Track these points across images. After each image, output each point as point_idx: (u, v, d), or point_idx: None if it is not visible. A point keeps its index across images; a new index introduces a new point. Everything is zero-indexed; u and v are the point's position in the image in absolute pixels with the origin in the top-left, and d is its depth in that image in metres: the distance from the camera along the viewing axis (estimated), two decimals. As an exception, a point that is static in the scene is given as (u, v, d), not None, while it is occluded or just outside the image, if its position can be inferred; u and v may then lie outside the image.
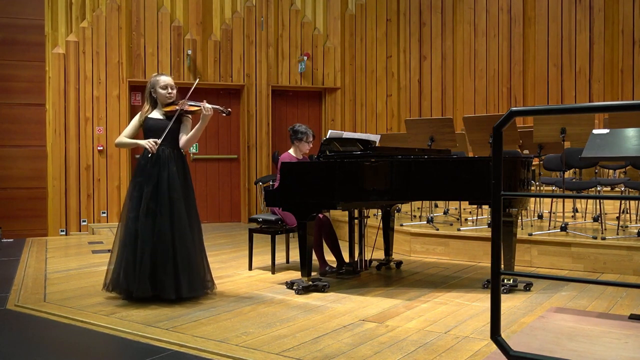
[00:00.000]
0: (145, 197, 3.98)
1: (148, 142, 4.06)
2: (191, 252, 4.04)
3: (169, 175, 4.04)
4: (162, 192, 4.01)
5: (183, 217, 4.04)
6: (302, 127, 5.18)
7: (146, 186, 4.01)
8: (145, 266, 3.91)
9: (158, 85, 4.18)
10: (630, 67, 8.52)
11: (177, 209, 4.02)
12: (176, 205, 4.02)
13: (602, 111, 3.07)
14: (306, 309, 3.84)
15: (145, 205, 3.97)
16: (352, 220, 5.10)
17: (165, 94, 4.18)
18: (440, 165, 4.32)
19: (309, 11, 9.71)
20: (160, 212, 3.98)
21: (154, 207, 3.98)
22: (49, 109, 8.07)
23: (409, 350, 2.96)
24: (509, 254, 4.27)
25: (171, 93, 4.21)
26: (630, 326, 3.12)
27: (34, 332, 3.47)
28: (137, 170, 4.13)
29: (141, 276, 3.90)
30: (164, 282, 3.92)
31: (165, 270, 3.93)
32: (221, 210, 9.34)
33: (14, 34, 7.91)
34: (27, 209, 7.93)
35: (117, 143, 4.28)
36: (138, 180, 4.07)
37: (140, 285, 3.90)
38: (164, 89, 4.18)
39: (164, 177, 4.03)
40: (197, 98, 4.31)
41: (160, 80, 4.19)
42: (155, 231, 3.95)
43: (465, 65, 9.74)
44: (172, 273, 3.95)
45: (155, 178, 4.02)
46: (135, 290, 3.91)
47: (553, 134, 5.38)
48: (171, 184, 4.03)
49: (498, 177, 2.15)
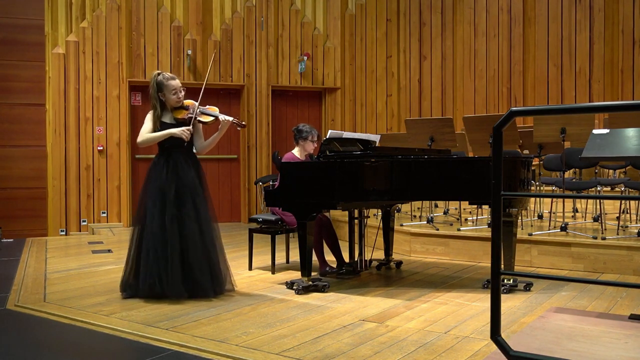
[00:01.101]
0: (169, 203, 3.99)
1: (182, 130, 4.03)
2: (217, 252, 4.14)
3: (189, 180, 4.07)
4: (186, 197, 4.03)
5: (208, 219, 4.10)
6: (306, 126, 5.18)
7: (168, 192, 4.01)
8: (177, 270, 3.95)
9: (167, 90, 4.12)
10: (630, 67, 8.52)
11: (201, 212, 4.07)
12: (200, 208, 4.07)
13: (602, 111, 3.07)
14: (306, 309, 3.84)
15: (170, 211, 3.98)
16: (352, 220, 5.10)
17: (176, 98, 4.15)
18: (440, 165, 4.32)
19: (309, 11, 9.71)
20: (188, 215, 4.01)
21: (179, 213, 4.00)
22: (49, 109, 8.07)
23: (409, 350, 2.96)
24: (509, 254, 4.27)
25: (181, 97, 4.17)
26: (630, 326, 3.12)
27: (34, 332, 3.47)
28: (154, 174, 4.10)
29: (175, 280, 3.94)
30: (201, 283, 4.00)
31: (202, 272, 4.01)
32: (221, 210, 9.33)
33: (14, 34, 7.91)
34: (27, 209, 7.93)
35: (142, 141, 4.14)
36: (157, 184, 4.05)
37: (176, 289, 3.95)
38: (174, 94, 4.13)
39: (184, 182, 4.05)
40: (197, 98, 4.29)
41: (170, 86, 4.11)
42: (183, 235, 3.98)
43: (465, 65, 9.73)
44: (208, 273, 4.05)
45: (174, 183, 4.03)
46: (171, 295, 3.95)
47: (553, 134, 5.38)
48: (193, 189, 4.06)
49: (498, 177, 2.15)
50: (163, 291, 3.96)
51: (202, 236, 4.04)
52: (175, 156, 4.09)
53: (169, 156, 4.11)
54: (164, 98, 4.16)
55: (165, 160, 4.10)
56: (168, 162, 4.08)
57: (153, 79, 4.16)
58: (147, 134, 4.13)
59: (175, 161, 4.08)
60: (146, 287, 3.99)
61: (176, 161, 4.08)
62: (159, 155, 4.17)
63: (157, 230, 3.98)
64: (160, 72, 4.19)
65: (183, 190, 4.04)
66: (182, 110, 4.20)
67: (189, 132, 4.06)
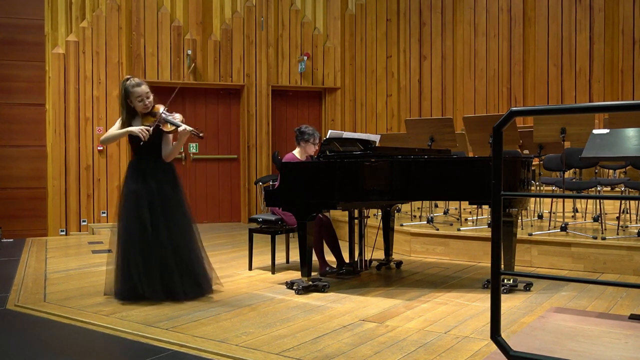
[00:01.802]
0: (142, 207, 4.00)
1: (141, 129, 3.99)
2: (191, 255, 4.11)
3: (158, 186, 4.06)
4: (157, 200, 4.03)
5: (178, 224, 4.08)
6: (309, 128, 5.16)
7: (141, 195, 4.02)
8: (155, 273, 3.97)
9: (133, 97, 4.08)
10: (630, 67, 8.52)
11: (175, 215, 4.06)
12: (173, 211, 4.06)
13: (602, 111, 3.07)
14: (306, 309, 3.84)
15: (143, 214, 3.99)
16: (352, 220, 5.10)
17: (142, 105, 4.10)
18: (440, 165, 4.31)
19: (309, 11, 9.71)
20: (160, 219, 4.01)
21: (151, 217, 4.00)
22: (49, 109, 8.07)
23: (409, 350, 2.96)
24: (509, 254, 4.27)
25: (147, 104, 4.11)
26: (630, 326, 3.12)
27: (34, 332, 3.47)
28: (128, 176, 4.14)
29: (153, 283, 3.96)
30: (178, 285, 4.00)
31: (177, 274, 4.00)
32: (221, 210, 9.34)
33: (14, 34, 7.91)
34: (27, 209, 7.93)
35: (103, 139, 4.26)
36: (131, 188, 4.07)
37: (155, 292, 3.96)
38: (140, 102, 4.09)
39: (153, 188, 4.05)
40: (197, 99, 4.28)
41: (135, 93, 4.07)
42: (158, 239, 3.99)
43: (465, 65, 9.73)
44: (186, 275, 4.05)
45: (146, 187, 4.04)
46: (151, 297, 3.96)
47: (553, 134, 5.38)
48: (162, 195, 4.05)
49: (498, 177, 2.15)
50: (143, 294, 3.96)
51: (172, 241, 4.02)
52: (145, 161, 4.11)
53: (140, 159, 4.13)
54: (133, 105, 4.13)
55: (138, 163, 4.12)
56: (140, 165, 4.10)
57: (122, 84, 4.15)
58: (109, 132, 4.20)
59: (146, 165, 4.09)
60: (126, 290, 4.01)
61: (147, 165, 4.10)
62: (132, 157, 4.20)
63: (133, 234, 3.99)
64: (129, 78, 4.16)
65: (152, 195, 4.03)
66: (149, 117, 4.14)
67: (147, 132, 3.99)
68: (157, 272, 3.98)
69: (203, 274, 4.19)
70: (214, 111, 9.31)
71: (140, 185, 4.04)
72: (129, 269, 3.98)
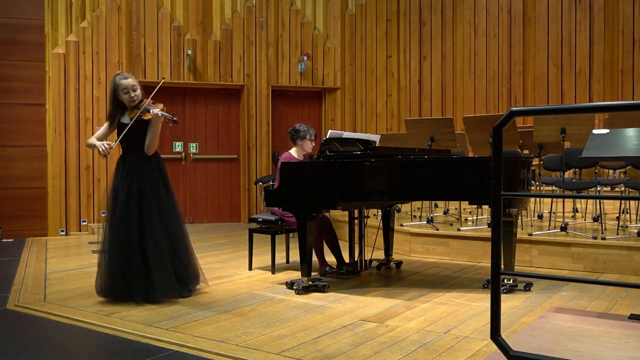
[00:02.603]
0: (120, 204, 4.00)
1: (102, 144, 4.00)
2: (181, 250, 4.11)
3: (144, 180, 4.05)
4: (139, 197, 4.01)
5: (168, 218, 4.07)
6: (302, 126, 5.19)
7: (120, 192, 4.02)
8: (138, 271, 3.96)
9: (119, 89, 4.08)
10: (630, 67, 8.52)
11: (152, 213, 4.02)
12: (156, 207, 4.04)
13: (602, 111, 3.07)
14: (306, 309, 3.84)
15: (120, 211, 3.98)
16: (352, 220, 5.10)
17: (127, 98, 4.09)
18: (440, 165, 4.31)
19: (309, 11, 9.71)
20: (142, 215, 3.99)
21: (129, 213, 3.98)
22: (49, 109, 8.07)
23: (409, 350, 2.96)
24: (509, 254, 4.27)
25: (133, 96, 4.10)
26: (630, 326, 3.12)
27: (34, 332, 3.47)
28: (114, 173, 4.15)
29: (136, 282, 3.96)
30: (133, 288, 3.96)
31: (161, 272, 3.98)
32: (221, 210, 9.34)
33: (14, 34, 7.91)
34: (27, 209, 7.93)
35: (86, 144, 4.28)
36: (113, 185, 4.09)
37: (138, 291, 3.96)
38: (126, 94, 4.08)
39: (138, 182, 4.04)
40: (197, 99, 4.28)
41: (120, 85, 4.07)
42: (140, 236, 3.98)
43: (465, 65, 9.73)
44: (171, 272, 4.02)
45: (127, 184, 4.03)
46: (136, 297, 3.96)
47: (553, 134, 5.38)
48: (141, 187, 4.03)
49: (498, 177, 2.15)
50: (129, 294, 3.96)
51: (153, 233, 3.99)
52: (130, 156, 4.09)
53: (125, 156, 4.11)
54: (121, 98, 4.13)
55: (122, 160, 4.11)
56: (124, 162, 4.10)
57: (112, 80, 4.17)
58: (91, 139, 4.18)
59: (130, 161, 4.09)
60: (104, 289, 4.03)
61: (131, 161, 4.08)
62: (119, 155, 4.20)
63: (112, 231, 4.00)
64: (118, 73, 4.18)
65: (131, 189, 4.01)
66: (136, 110, 4.12)
67: (107, 147, 3.97)
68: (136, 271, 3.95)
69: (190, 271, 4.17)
70: (214, 111, 9.31)
71: (122, 182, 4.04)
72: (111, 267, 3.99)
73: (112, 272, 4.00)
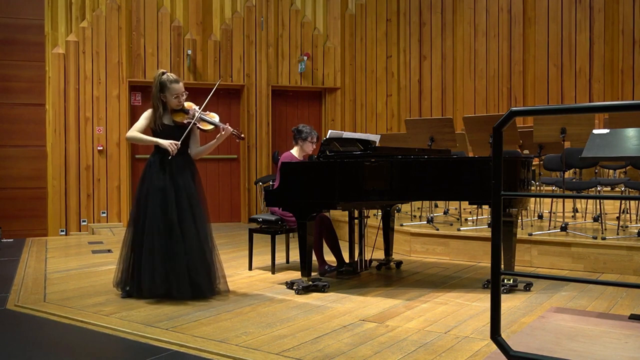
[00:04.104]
0: (171, 204, 4.00)
1: (171, 143, 4.02)
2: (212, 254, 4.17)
3: (186, 182, 4.09)
4: (183, 199, 4.04)
5: (204, 222, 4.12)
6: (306, 127, 5.19)
7: (169, 193, 4.02)
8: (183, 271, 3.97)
9: (169, 92, 4.09)
10: (630, 67, 8.52)
11: (198, 214, 4.09)
12: (197, 211, 4.09)
13: (602, 111, 3.07)
14: (306, 309, 3.84)
15: (172, 212, 3.99)
16: (352, 220, 5.10)
17: (177, 102, 4.14)
18: (440, 165, 4.31)
19: (309, 11, 9.71)
20: (187, 218, 4.03)
21: (179, 214, 4.01)
22: (49, 109, 8.07)
23: (409, 350, 2.96)
24: (509, 254, 4.27)
25: (182, 101, 4.16)
26: (630, 326, 3.12)
27: (34, 332, 3.47)
28: (150, 174, 4.10)
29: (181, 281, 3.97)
30: (200, 285, 4.02)
31: (200, 274, 4.03)
32: (221, 210, 9.34)
33: (14, 34, 7.91)
34: (27, 209, 7.93)
35: (130, 137, 4.16)
36: (157, 185, 4.04)
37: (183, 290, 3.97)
38: (175, 98, 4.12)
39: (181, 184, 4.06)
40: (197, 99, 4.30)
41: (173, 89, 4.09)
42: (185, 237, 4.00)
43: (465, 65, 9.73)
44: (206, 274, 4.07)
45: (173, 185, 4.04)
46: (177, 295, 3.97)
47: (553, 134, 5.38)
48: (189, 191, 4.08)
49: (498, 177, 2.15)
50: (169, 292, 3.97)
51: (199, 238, 4.06)
52: (171, 158, 4.08)
53: (164, 157, 4.09)
54: (166, 100, 4.14)
55: (161, 162, 4.09)
56: (164, 163, 4.08)
57: (157, 77, 4.12)
58: (137, 133, 4.12)
59: (171, 163, 4.08)
60: (151, 287, 3.99)
61: (172, 163, 4.08)
62: (154, 154, 4.16)
63: (162, 231, 3.98)
64: (164, 72, 4.14)
65: (180, 192, 4.05)
66: (181, 114, 4.18)
67: (175, 147, 4.02)
68: (185, 272, 3.98)
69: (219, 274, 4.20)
70: (214, 111, 9.26)
71: (166, 182, 4.04)
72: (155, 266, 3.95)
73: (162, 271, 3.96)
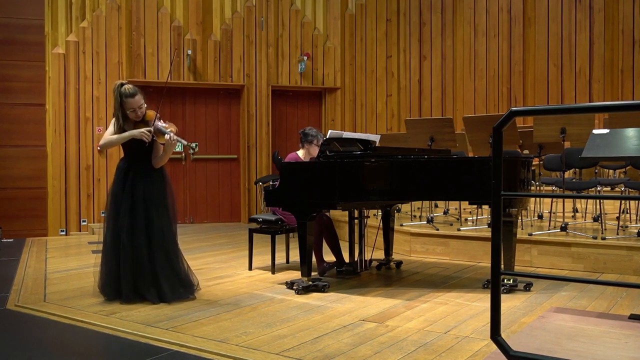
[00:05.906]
0: (123, 212, 4.01)
1: (141, 131, 4.01)
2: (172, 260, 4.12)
3: (146, 188, 4.07)
4: (141, 205, 4.03)
5: (157, 228, 4.07)
6: (312, 130, 5.17)
7: (123, 201, 4.03)
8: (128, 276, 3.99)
9: (125, 106, 4.04)
10: (630, 67, 8.52)
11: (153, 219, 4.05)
12: (151, 215, 4.05)
13: (602, 111, 3.07)
14: (306, 309, 3.84)
15: (122, 220, 4.00)
16: (352, 220, 5.10)
17: (134, 116, 4.09)
18: (440, 165, 4.31)
19: (309, 11, 9.71)
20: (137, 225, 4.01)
21: (131, 221, 4.00)
22: (49, 109, 8.07)
23: (409, 350, 2.96)
24: (509, 254, 4.27)
25: (139, 114, 4.09)
26: (630, 326, 3.12)
27: (34, 332, 3.47)
28: (115, 178, 4.14)
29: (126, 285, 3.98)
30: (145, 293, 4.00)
31: (144, 282, 4.00)
32: (221, 210, 9.34)
33: (14, 34, 7.90)
34: (27, 209, 7.93)
35: (103, 144, 4.14)
36: (114, 191, 4.09)
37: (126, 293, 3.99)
38: (132, 112, 4.07)
39: (139, 190, 4.05)
40: (197, 99, 4.28)
41: (127, 103, 4.03)
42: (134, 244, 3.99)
43: (465, 65, 9.73)
44: (152, 283, 4.02)
45: (131, 192, 4.04)
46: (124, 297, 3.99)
47: (553, 134, 5.38)
48: (147, 197, 4.05)
49: (498, 177, 2.15)
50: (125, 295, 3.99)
51: (149, 243, 4.02)
52: (136, 164, 4.10)
53: (131, 163, 4.11)
54: (125, 112, 4.11)
55: (127, 168, 4.11)
56: (128, 169, 4.10)
57: (116, 89, 4.07)
58: (109, 137, 4.11)
59: (135, 169, 4.09)
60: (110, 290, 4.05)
61: (136, 169, 4.09)
62: (122, 160, 4.19)
63: (113, 236, 4.02)
64: (122, 84, 4.09)
65: (137, 197, 4.04)
66: (141, 125, 4.12)
67: (149, 133, 4.01)
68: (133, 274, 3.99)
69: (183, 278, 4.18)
70: (214, 111, 9.31)
71: (126, 188, 4.05)
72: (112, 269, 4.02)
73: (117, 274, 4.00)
